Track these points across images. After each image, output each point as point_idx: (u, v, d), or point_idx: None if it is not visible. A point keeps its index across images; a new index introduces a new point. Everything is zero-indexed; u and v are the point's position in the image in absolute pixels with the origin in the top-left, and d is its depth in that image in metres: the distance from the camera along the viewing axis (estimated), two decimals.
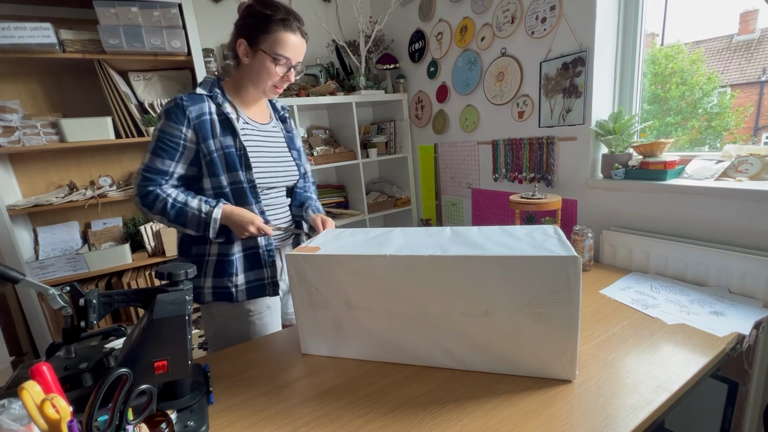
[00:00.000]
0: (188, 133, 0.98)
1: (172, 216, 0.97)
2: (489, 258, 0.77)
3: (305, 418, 0.75)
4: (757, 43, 1.38)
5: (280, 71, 1.01)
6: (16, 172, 1.84)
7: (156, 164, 0.97)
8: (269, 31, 0.97)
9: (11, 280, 0.73)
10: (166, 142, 0.97)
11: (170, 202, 0.97)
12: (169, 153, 0.97)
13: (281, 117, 1.21)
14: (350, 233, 1.06)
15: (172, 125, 0.97)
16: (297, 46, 1.00)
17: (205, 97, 1.01)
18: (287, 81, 1.05)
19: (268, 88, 1.05)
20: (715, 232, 1.23)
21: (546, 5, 1.58)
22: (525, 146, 1.79)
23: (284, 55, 0.99)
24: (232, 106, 1.05)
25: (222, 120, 1.01)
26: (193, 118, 0.97)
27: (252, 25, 0.99)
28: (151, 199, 0.97)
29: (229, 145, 1.01)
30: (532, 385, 0.79)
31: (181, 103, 0.97)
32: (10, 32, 1.49)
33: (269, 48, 0.98)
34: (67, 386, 0.73)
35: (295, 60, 1.01)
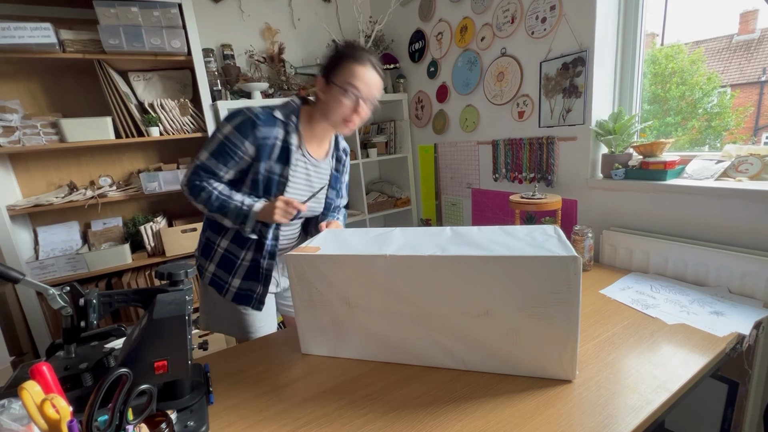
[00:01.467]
0: (250, 149, 1.02)
1: (216, 206, 1.03)
2: (489, 258, 0.77)
3: (305, 418, 0.75)
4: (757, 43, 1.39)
5: (349, 103, 1.01)
6: (16, 172, 1.84)
7: (211, 165, 1.03)
8: (341, 64, 1.00)
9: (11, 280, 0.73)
10: (226, 149, 1.01)
11: (215, 195, 1.02)
12: (226, 159, 1.02)
13: (338, 156, 1.23)
14: (350, 233, 1.06)
15: (238, 136, 1.00)
16: (368, 79, 1.01)
17: (279, 122, 1.04)
18: (359, 115, 1.04)
19: (339, 122, 1.04)
20: (715, 232, 1.23)
21: (546, 5, 1.58)
22: (525, 146, 1.79)
23: (354, 85, 0.99)
24: (298, 137, 1.08)
25: (282, 147, 1.05)
26: (260, 138, 1.01)
27: (329, 62, 1.03)
28: (198, 189, 1.03)
29: (275, 172, 1.05)
30: (532, 385, 0.79)
31: (255, 120, 1.00)
32: (10, 32, 1.49)
33: (340, 79, 1.00)
34: (67, 386, 0.73)
35: (365, 92, 1.01)
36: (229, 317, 1.17)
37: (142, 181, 1.85)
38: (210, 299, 1.19)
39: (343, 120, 1.04)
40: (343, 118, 1.03)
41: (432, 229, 1.00)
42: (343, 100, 1.01)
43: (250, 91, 2.05)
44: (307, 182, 1.13)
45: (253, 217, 1.02)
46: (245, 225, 1.03)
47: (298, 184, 1.10)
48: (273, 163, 1.04)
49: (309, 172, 1.12)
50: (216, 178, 1.05)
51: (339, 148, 1.23)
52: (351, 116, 1.04)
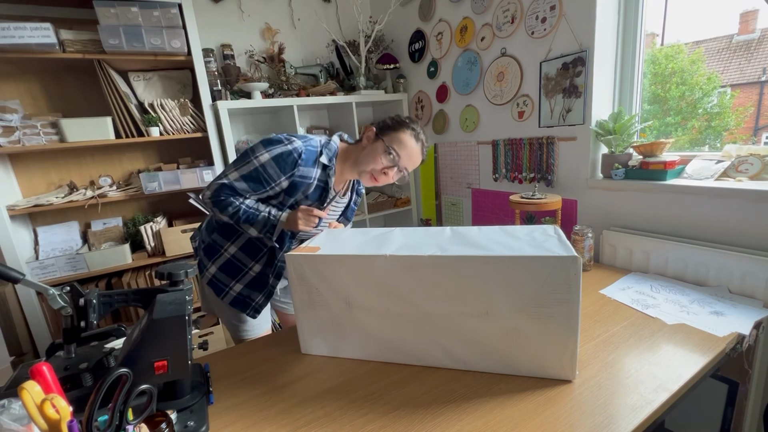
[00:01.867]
0: (284, 183, 1.03)
1: (243, 218, 1.03)
2: (489, 258, 0.77)
3: (305, 418, 0.75)
4: (757, 43, 1.38)
5: (386, 162, 1.06)
6: (16, 172, 1.84)
7: (239, 188, 1.02)
8: (398, 130, 1.07)
9: (11, 280, 0.73)
10: (260, 177, 1.01)
11: (243, 208, 1.03)
12: (255, 185, 1.02)
13: (358, 190, 1.29)
14: (350, 233, 1.06)
15: (275, 169, 1.00)
16: (411, 150, 1.07)
17: (321, 165, 1.07)
18: (385, 175, 1.08)
19: (365, 172, 1.08)
20: (715, 232, 1.23)
21: (546, 5, 1.58)
22: (525, 146, 1.79)
23: (396, 150, 1.05)
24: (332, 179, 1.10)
25: (319, 186, 1.08)
26: (297, 176, 1.03)
27: (388, 123, 1.10)
28: (225, 204, 1.03)
29: (305, 203, 1.09)
30: (532, 385, 0.79)
31: (296, 158, 1.01)
32: (10, 32, 1.49)
33: (389, 140, 1.06)
34: (67, 386, 0.73)
35: (403, 163, 1.07)
36: (224, 314, 1.20)
37: (142, 181, 1.85)
38: (207, 298, 1.22)
39: (371, 173, 1.08)
40: (372, 172, 1.08)
41: (432, 229, 1.00)
42: (380, 158, 1.06)
43: (250, 91, 2.05)
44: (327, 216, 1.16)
45: (279, 227, 1.05)
46: (272, 234, 1.06)
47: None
48: (305, 199, 1.08)
49: (331, 208, 1.18)
50: (241, 198, 1.05)
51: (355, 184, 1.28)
52: (379, 174, 1.08)
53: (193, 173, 1.92)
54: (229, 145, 1.96)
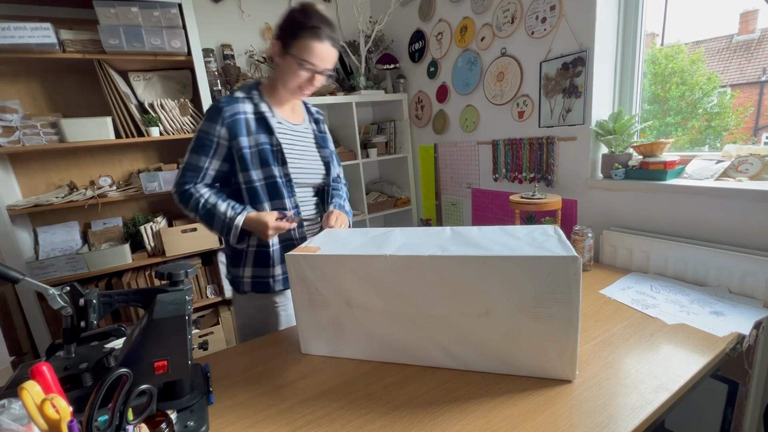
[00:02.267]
0: (222, 131, 1.04)
1: (202, 215, 1.06)
2: (489, 258, 0.77)
3: (305, 418, 0.75)
4: (757, 43, 1.38)
5: (305, 75, 1.05)
6: (16, 172, 1.84)
7: (193, 160, 1.06)
8: (299, 38, 1.01)
9: (11, 280, 0.73)
10: (202, 140, 1.05)
11: (202, 203, 1.05)
12: (205, 150, 1.05)
13: (315, 119, 1.26)
14: (350, 233, 1.06)
15: (208, 124, 1.05)
16: (324, 54, 1.04)
17: (241, 99, 1.08)
18: (312, 85, 1.09)
19: (294, 89, 1.09)
20: (715, 232, 1.23)
21: (546, 5, 1.58)
22: (525, 146, 1.79)
23: (310, 62, 1.03)
24: (268, 107, 1.11)
25: (258, 119, 1.08)
26: (227, 117, 1.04)
27: (286, 29, 1.03)
28: (186, 196, 1.06)
29: (263, 142, 1.07)
30: (532, 385, 0.79)
31: (218, 105, 1.05)
32: (10, 32, 1.49)
33: (297, 52, 1.02)
34: (67, 386, 0.73)
35: (320, 67, 1.05)
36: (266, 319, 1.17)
37: (142, 181, 1.85)
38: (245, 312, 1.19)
39: (299, 88, 1.08)
40: (299, 87, 1.08)
41: (432, 229, 1.00)
42: (299, 73, 1.04)
43: None
44: (295, 146, 1.14)
45: (235, 231, 1.04)
46: (230, 238, 1.05)
47: (291, 150, 1.12)
48: (256, 136, 1.07)
49: (294, 137, 1.15)
50: (201, 175, 1.06)
51: (311, 112, 1.27)
52: (306, 86, 1.08)
53: None
54: None
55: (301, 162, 1.14)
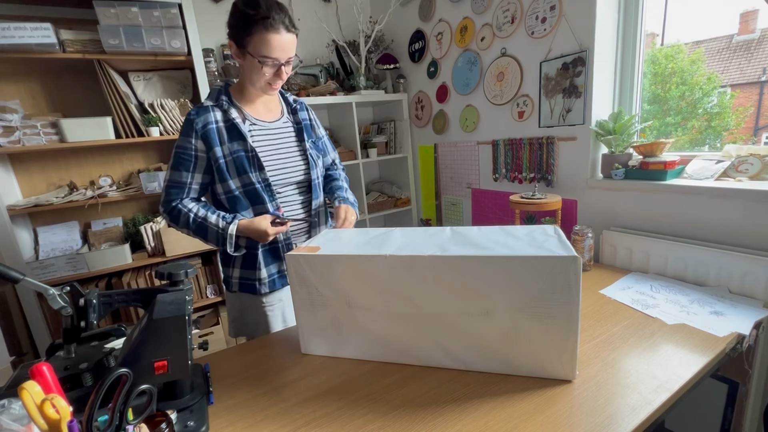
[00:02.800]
0: (198, 144, 1.03)
1: (194, 230, 1.05)
2: (489, 258, 0.77)
3: (305, 418, 0.75)
4: (757, 43, 1.38)
5: (269, 71, 1.00)
6: (16, 172, 1.84)
7: (175, 177, 1.05)
8: (251, 33, 0.95)
9: (11, 280, 0.73)
10: (180, 156, 1.04)
11: (192, 217, 1.04)
12: (185, 165, 1.04)
13: (292, 109, 1.20)
14: (350, 233, 1.06)
15: (183, 139, 1.04)
16: (282, 43, 0.97)
17: (210, 107, 1.05)
18: (279, 78, 1.04)
19: (263, 86, 1.05)
20: (715, 232, 1.23)
21: (546, 5, 1.58)
22: (525, 146, 1.79)
23: (269, 56, 0.97)
24: (239, 110, 1.08)
25: (228, 126, 1.05)
26: (200, 129, 1.03)
27: (237, 26, 0.97)
28: (175, 213, 1.05)
29: (237, 150, 1.05)
30: (532, 385, 0.79)
31: (189, 117, 1.04)
32: (10, 32, 1.49)
33: (254, 50, 0.96)
34: (67, 386, 0.73)
35: (283, 58, 0.99)
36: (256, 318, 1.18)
37: (142, 181, 1.85)
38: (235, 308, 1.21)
39: (268, 84, 1.04)
40: (267, 83, 1.04)
41: (432, 229, 1.00)
42: (262, 69, 0.99)
43: None
44: (273, 146, 1.11)
45: (230, 240, 1.03)
46: (227, 247, 1.04)
47: (268, 152, 1.09)
48: (229, 145, 1.04)
49: (271, 137, 1.11)
50: (186, 190, 1.05)
51: (289, 102, 1.21)
52: (275, 81, 1.04)
53: None
54: None
55: (279, 163, 1.11)
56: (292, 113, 1.20)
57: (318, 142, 1.23)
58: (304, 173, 1.15)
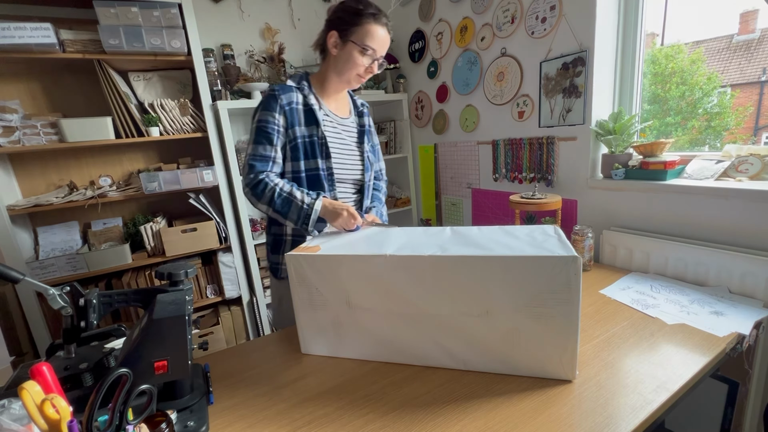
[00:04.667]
0: (280, 119, 1.07)
1: (278, 205, 1.04)
2: (489, 258, 0.77)
3: (305, 418, 0.75)
4: (757, 43, 1.38)
5: (366, 62, 1.07)
6: (16, 172, 1.84)
7: (259, 151, 1.06)
8: (360, 24, 1.03)
9: (11, 280, 0.73)
10: (263, 129, 1.06)
11: (277, 191, 1.03)
12: (269, 138, 1.06)
13: (359, 112, 1.27)
14: (350, 233, 1.06)
15: (267, 113, 1.06)
16: (383, 39, 1.06)
17: (294, 88, 1.10)
18: (370, 72, 1.10)
19: (353, 78, 1.10)
20: (715, 232, 1.23)
21: (546, 5, 1.58)
22: (525, 146, 1.79)
23: (371, 47, 1.04)
24: (316, 99, 1.13)
25: (306, 111, 1.10)
26: (285, 104, 1.07)
27: (345, 18, 1.05)
28: (261, 188, 1.04)
29: (311, 134, 1.09)
30: (532, 385, 0.79)
31: (273, 93, 1.07)
32: (10, 32, 1.49)
33: (359, 39, 1.04)
34: (67, 386, 0.73)
35: (380, 53, 1.07)
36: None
37: (142, 181, 1.85)
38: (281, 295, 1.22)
39: (357, 76, 1.10)
40: (357, 75, 1.10)
41: (432, 229, 1.00)
42: (360, 60, 1.06)
43: (250, 91, 2.05)
44: (340, 140, 1.15)
45: (314, 216, 1.03)
46: (307, 225, 1.04)
47: (334, 144, 1.13)
48: (305, 128, 1.09)
49: (339, 131, 1.16)
50: (270, 163, 1.07)
51: (357, 105, 1.27)
52: (364, 74, 1.10)
53: (193, 173, 1.92)
54: (229, 145, 1.96)
55: (342, 157, 1.15)
56: (358, 115, 1.26)
57: (375, 148, 1.29)
58: (360, 174, 1.22)
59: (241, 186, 1.08)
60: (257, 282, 2.11)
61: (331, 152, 1.11)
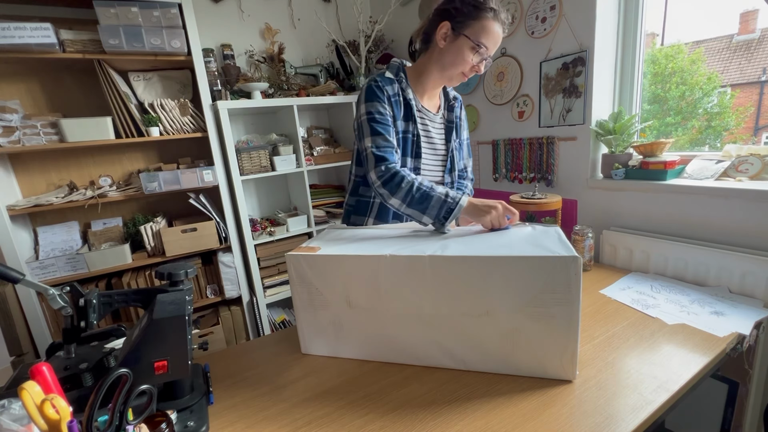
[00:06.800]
0: (389, 109, 1.01)
1: (417, 198, 0.94)
2: (489, 258, 0.77)
3: (305, 418, 0.75)
4: (757, 43, 1.38)
5: (476, 59, 0.99)
6: (16, 172, 1.84)
7: (381, 142, 0.98)
8: (479, 18, 0.95)
9: (11, 280, 0.73)
10: (378, 119, 0.99)
11: (416, 185, 0.95)
12: (385, 127, 0.99)
13: (450, 106, 1.18)
14: (350, 233, 1.06)
15: (375, 104, 1.00)
16: (498, 38, 0.98)
17: (393, 80, 1.04)
18: (476, 71, 1.03)
19: (456, 75, 1.03)
20: (715, 232, 1.23)
21: (546, 5, 1.58)
22: (525, 146, 1.79)
23: (485, 44, 0.97)
24: (412, 93, 1.06)
25: (405, 104, 1.04)
26: (390, 95, 1.01)
27: (462, 10, 0.96)
28: (397, 180, 0.96)
29: (406, 130, 1.04)
30: (533, 385, 0.79)
31: (377, 84, 1.01)
32: (10, 32, 1.49)
33: (473, 34, 0.96)
34: (67, 386, 0.73)
35: (491, 52, 1.00)
36: None
37: (142, 181, 1.85)
38: None
39: (461, 74, 1.02)
40: (462, 72, 1.02)
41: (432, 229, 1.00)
42: (469, 56, 0.98)
43: (250, 91, 2.05)
44: (429, 139, 1.09)
45: (458, 211, 0.93)
46: (446, 220, 0.94)
47: (425, 143, 1.08)
48: (401, 122, 1.03)
49: (428, 128, 1.10)
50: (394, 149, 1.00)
51: (449, 98, 1.18)
52: (470, 72, 1.02)
53: (193, 173, 1.92)
54: (229, 145, 1.95)
55: (429, 156, 1.10)
56: (448, 110, 1.18)
57: (462, 144, 1.21)
58: (441, 174, 1.15)
59: (370, 180, 1.00)
60: (257, 282, 2.11)
61: (422, 152, 1.06)
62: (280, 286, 2.20)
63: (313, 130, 2.55)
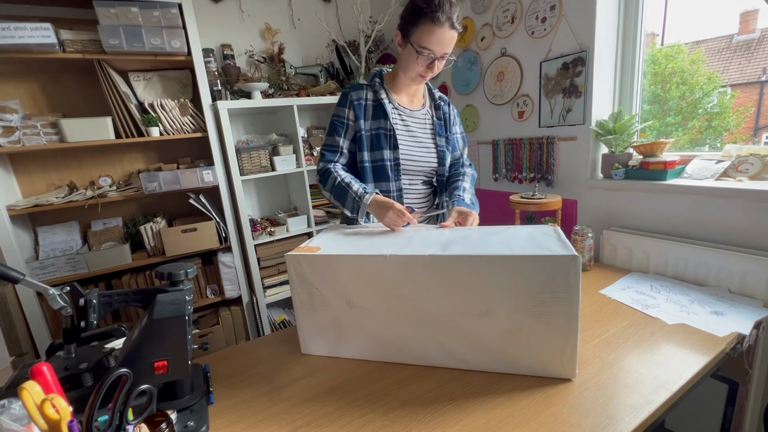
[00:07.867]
0: (350, 114, 1.16)
1: (336, 193, 1.12)
2: (489, 258, 0.77)
3: (305, 418, 0.75)
4: (757, 43, 1.38)
5: (422, 62, 1.07)
6: (16, 172, 1.84)
7: (329, 141, 1.17)
8: (418, 24, 1.03)
9: (11, 280, 0.73)
10: (335, 123, 1.17)
11: (338, 181, 1.11)
12: (338, 131, 1.17)
13: (436, 105, 1.27)
14: (350, 233, 1.06)
15: (339, 109, 1.17)
16: (441, 38, 1.03)
17: (365, 86, 1.18)
18: (431, 71, 1.10)
19: (414, 76, 1.12)
20: (715, 232, 1.23)
21: (546, 5, 1.58)
22: (525, 146, 1.79)
23: (427, 48, 1.04)
24: (386, 94, 1.18)
25: (376, 105, 1.16)
26: (354, 101, 1.15)
27: (406, 17, 1.07)
28: (326, 175, 1.14)
29: (378, 127, 1.15)
30: (533, 385, 0.79)
31: (345, 91, 1.18)
32: (10, 32, 1.49)
33: (416, 40, 1.05)
34: (67, 386, 0.73)
35: (439, 52, 1.05)
36: None
37: (142, 181, 1.85)
38: None
39: (419, 75, 1.12)
40: (418, 74, 1.11)
41: (432, 229, 1.00)
42: (418, 60, 1.07)
43: (250, 91, 2.05)
44: (409, 132, 1.19)
45: (363, 209, 1.08)
46: (357, 215, 1.09)
47: (403, 136, 1.17)
48: (372, 121, 1.15)
49: (407, 123, 1.19)
50: (338, 153, 1.16)
51: (435, 97, 1.28)
52: (425, 73, 1.11)
53: (193, 173, 1.92)
54: (229, 145, 1.95)
55: (411, 149, 1.18)
56: (435, 108, 1.27)
57: (452, 138, 1.28)
58: (433, 167, 1.23)
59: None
60: (257, 282, 2.11)
61: (399, 143, 1.14)
62: (280, 286, 2.20)
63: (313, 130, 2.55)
